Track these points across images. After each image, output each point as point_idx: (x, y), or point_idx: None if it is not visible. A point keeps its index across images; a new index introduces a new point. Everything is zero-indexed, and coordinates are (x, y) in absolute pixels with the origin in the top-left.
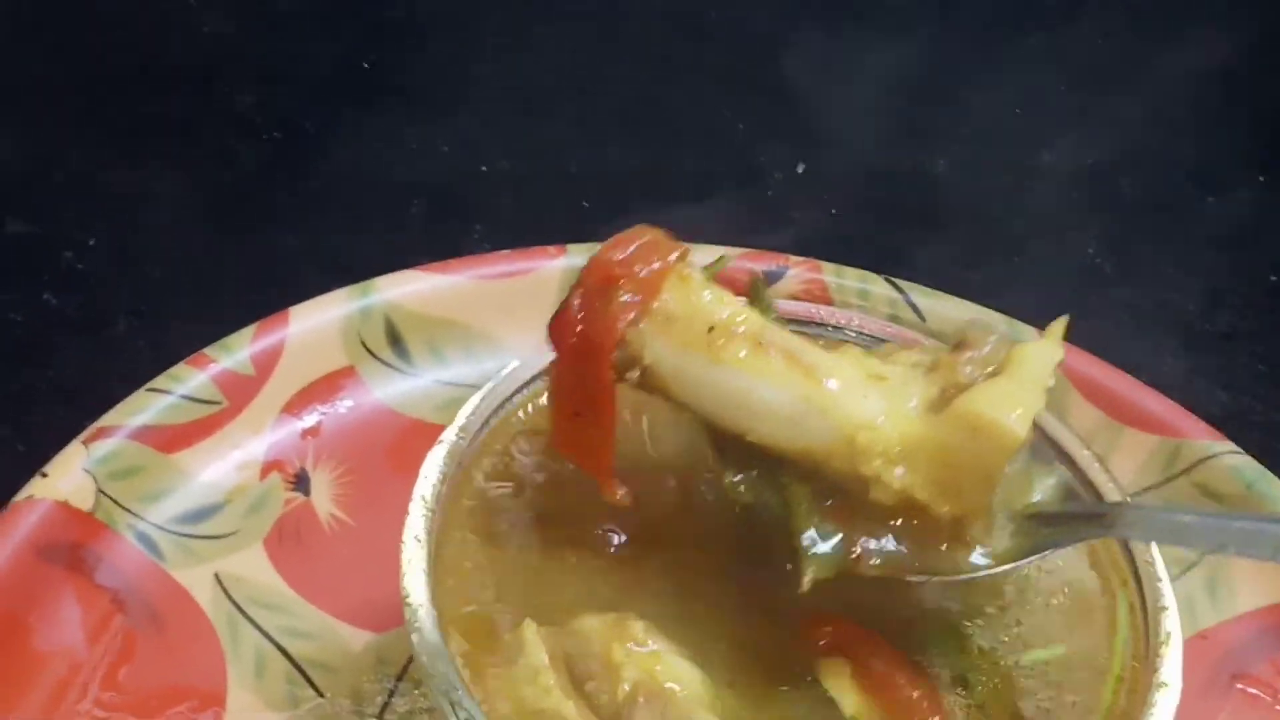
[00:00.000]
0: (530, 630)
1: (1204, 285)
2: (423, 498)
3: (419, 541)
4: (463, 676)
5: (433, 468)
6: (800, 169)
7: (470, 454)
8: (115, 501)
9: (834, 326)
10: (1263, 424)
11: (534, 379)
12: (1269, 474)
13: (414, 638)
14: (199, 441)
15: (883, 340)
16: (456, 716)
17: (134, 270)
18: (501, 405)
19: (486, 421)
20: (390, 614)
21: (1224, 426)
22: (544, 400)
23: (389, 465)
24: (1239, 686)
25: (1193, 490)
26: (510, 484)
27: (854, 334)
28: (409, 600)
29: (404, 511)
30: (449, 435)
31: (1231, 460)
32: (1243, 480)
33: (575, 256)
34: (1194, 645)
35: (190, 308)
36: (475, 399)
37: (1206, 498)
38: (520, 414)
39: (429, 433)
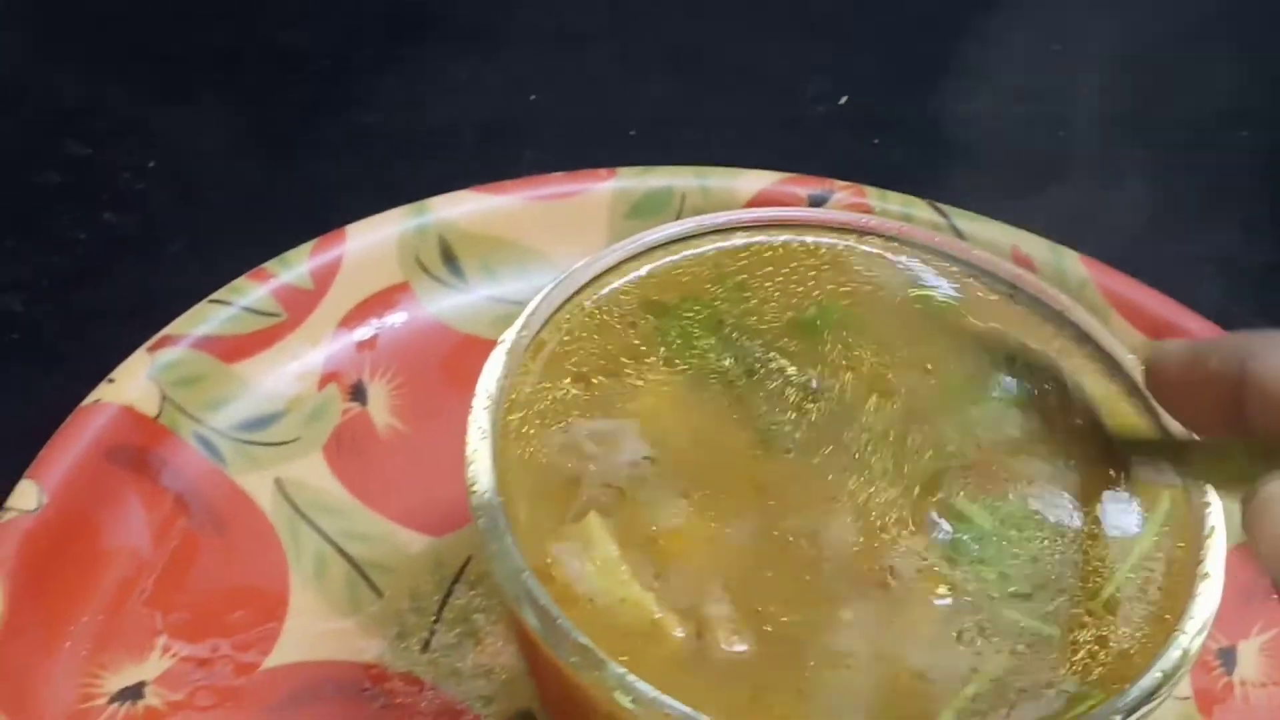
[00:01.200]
0: (595, 521)
1: (1243, 216)
2: (487, 393)
3: (484, 433)
4: (529, 562)
5: (496, 364)
6: (842, 101)
7: (531, 351)
8: (179, 408)
9: (888, 237)
10: None
11: (593, 280)
12: None
13: (482, 522)
14: (259, 352)
15: (937, 251)
16: (529, 608)
17: (190, 194)
18: (561, 306)
19: (547, 320)
20: (447, 518)
21: None
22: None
23: (443, 377)
24: (1275, 598)
25: None
26: (570, 381)
27: (889, 236)
28: (475, 489)
29: (459, 421)
30: (510, 334)
31: None
32: None
33: (625, 179)
34: (1233, 556)
35: (244, 230)
36: (535, 300)
37: None
38: (581, 314)
39: (482, 347)
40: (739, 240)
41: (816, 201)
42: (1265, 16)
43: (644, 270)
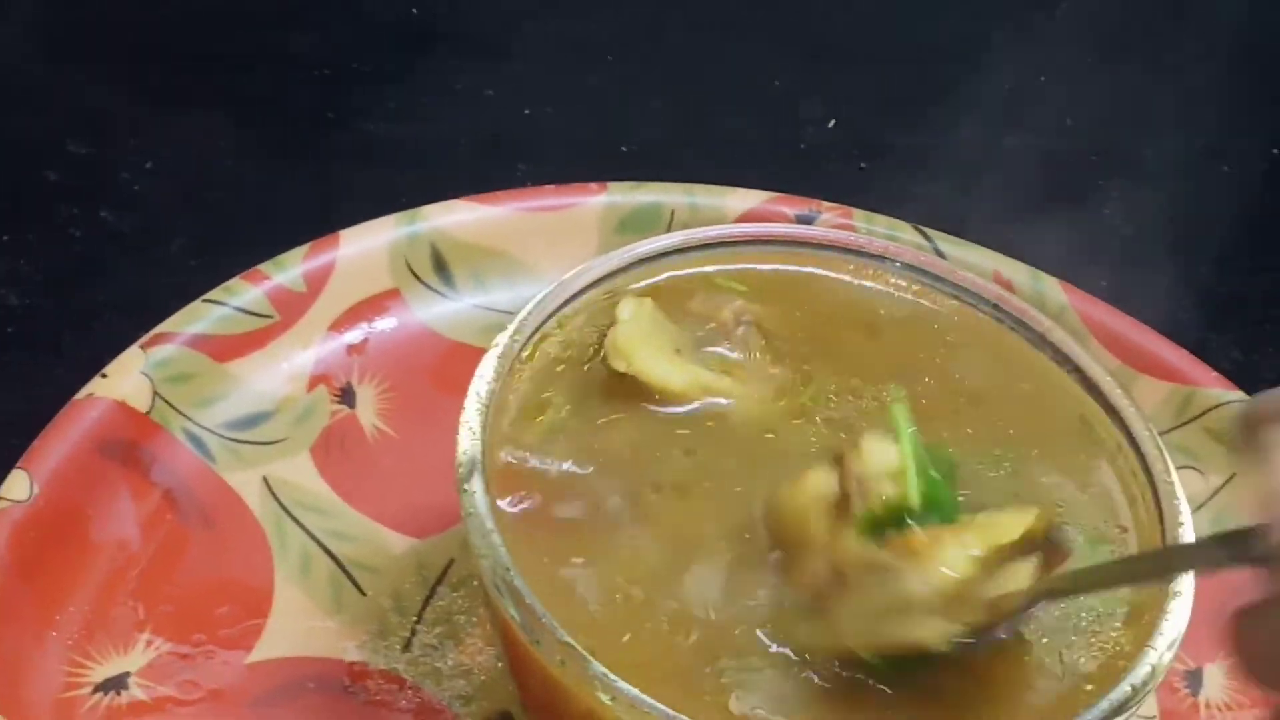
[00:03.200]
0: None
1: (1219, 248)
2: (478, 395)
3: (474, 434)
4: (515, 561)
5: (488, 368)
6: (831, 124)
7: (522, 357)
8: (170, 404)
9: (874, 255)
10: (1274, 380)
11: (584, 290)
12: None
13: (470, 521)
14: (251, 352)
15: (920, 269)
16: (514, 607)
17: (189, 196)
18: (552, 314)
19: (538, 328)
20: (430, 521)
21: (1237, 381)
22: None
23: (431, 383)
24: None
25: (1203, 435)
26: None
27: (895, 262)
28: (465, 489)
29: (445, 426)
30: (503, 338)
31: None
32: None
33: (615, 194)
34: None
35: (242, 233)
36: (528, 307)
37: (1216, 443)
38: (570, 322)
39: (470, 354)
40: (730, 258)
41: (804, 221)
42: (1244, 55)
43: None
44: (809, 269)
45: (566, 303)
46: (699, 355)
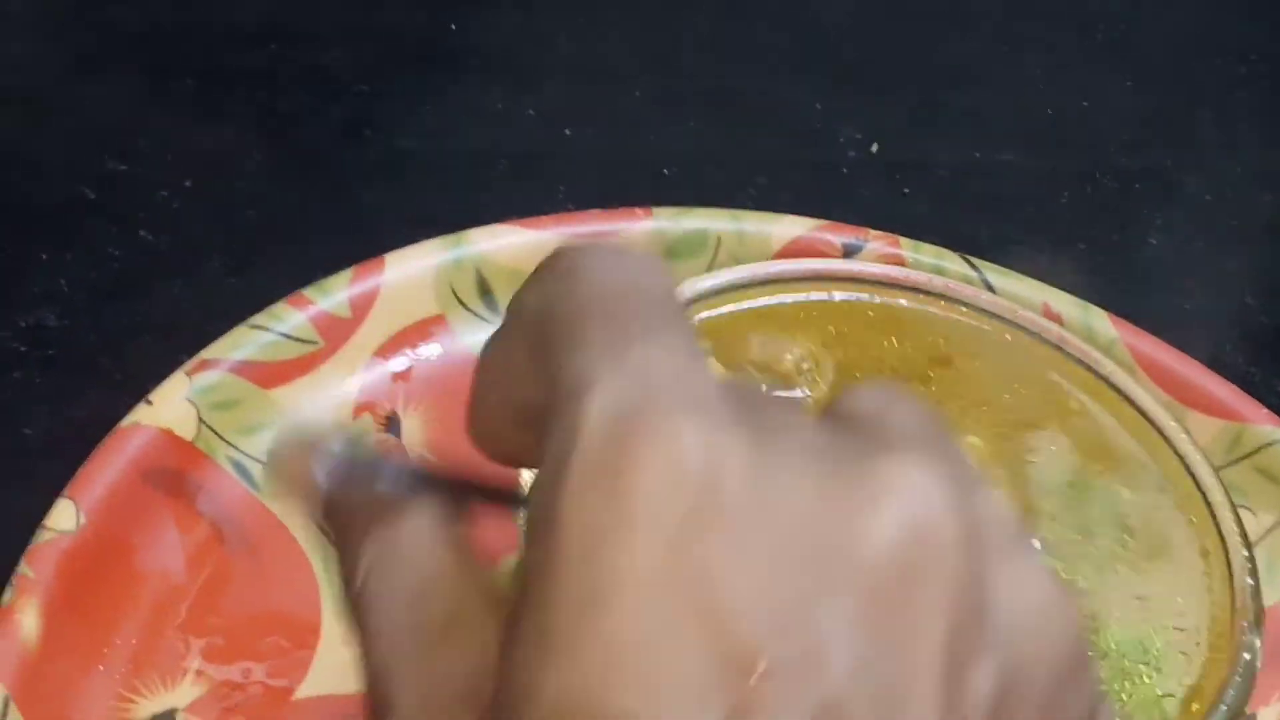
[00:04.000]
0: None
1: (1265, 278)
2: None
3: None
4: None
5: None
6: (874, 149)
7: None
8: (215, 432)
9: (915, 289)
10: None
11: None
12: None
13: None
14: (296, 379)
15: (962, 303)
16: None
17: (226, 214)
18: None
19: None
20: (479, 553)
21: None
22: None
23: None
24: None
25: (1254, 474)
26: None
27: (937, 294)
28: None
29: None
30: None
31: None
32: None
33: (661, 220)
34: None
35: (279, 252)
36: None
37: (1268, 481)
38: None
39: None
40: (781, 291)
41: (851, 250)
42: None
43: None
44: (861, 297)
45: None
46: None
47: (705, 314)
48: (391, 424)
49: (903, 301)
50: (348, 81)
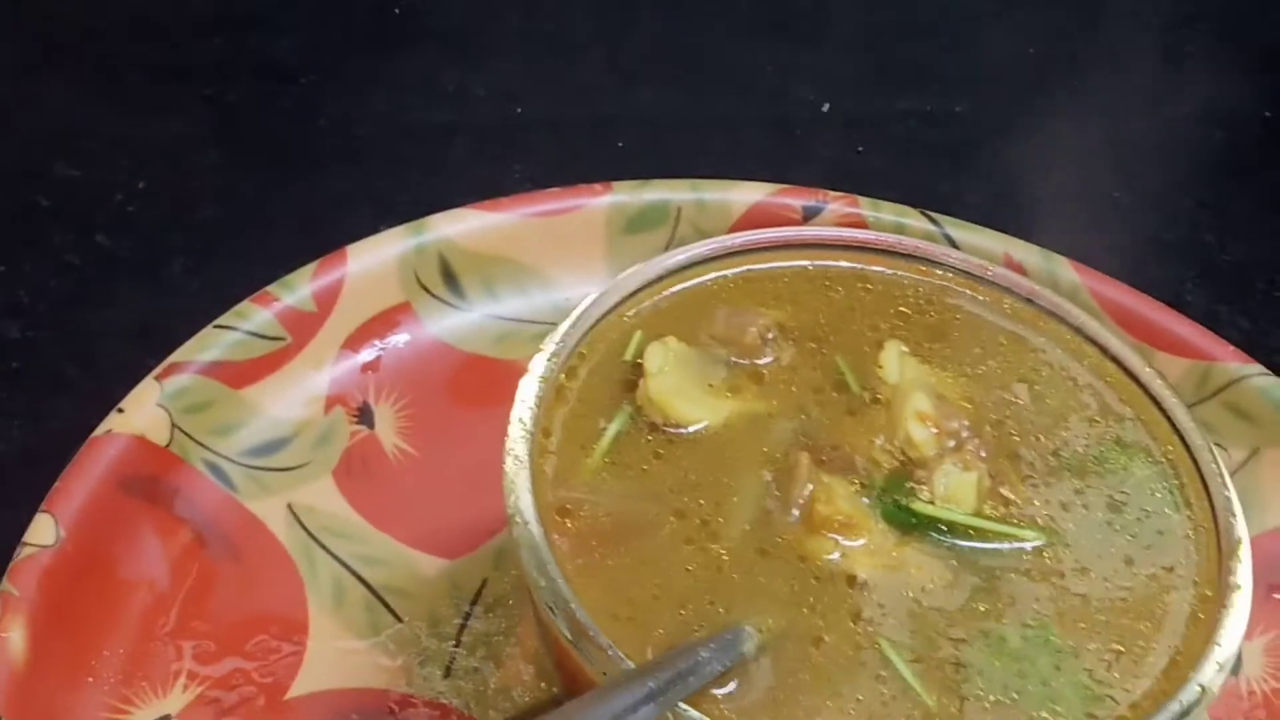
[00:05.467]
0: None
1: (1220, 218)
2: (520, 420)
3: (520, 461)
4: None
5: (529, 392)
6: (826, 108)
7: (559, 382)
8: (188, 435)
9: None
10: None
11: (616, 306)
12: None
13: (524, 554)
14: (265, 377)
15: (932, 262)
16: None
17: (184, 212)
18: (587, 332)
19: (574, 347)
20: (459, 540)
21: (1247, 351)
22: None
23: (448, 398)
24: (1276, 597)
25: (1223, 410)
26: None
27: (906, 254)
28: (516, 519)
29: (466, 443)
30: (539, 362)
31: (1260, 382)
32: (1271, 400)
33: (621, 194)
34: None
35: (241, 247)
36: (564, 326)
37: (1237, 418)
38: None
39: (485, 366)
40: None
41: (811, 212)
42: (1235, 15)
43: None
44: (822, 263)
45: (595, 324)
46: (731, 378)
47: (673, 289)
48: (363, 415)
49: (875, 268)
50: (298, 70)
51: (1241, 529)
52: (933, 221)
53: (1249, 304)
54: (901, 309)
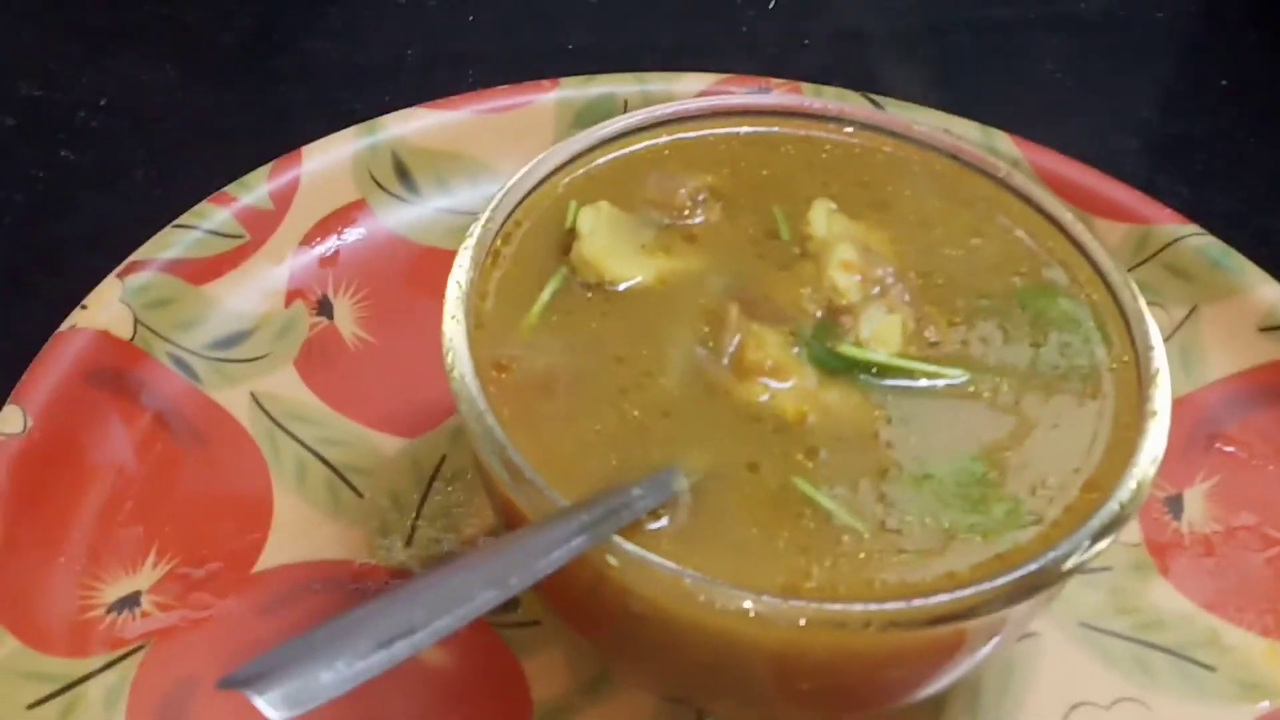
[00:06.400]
0: None
1: (1159, 93)
2: (458, 283)
3: (457, 321)
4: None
5: (465, 257)
6: (771, 5)
7: (495, 247)
8: (151, 330)
9: (829, 118)
10: (1224, 213)
11: (550, 175)
12: (1232, 250)
13: (462, 406)
14: (226, 273)
15: (859, 123)
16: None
17: (145, 127)
18: (521, 200)
19: (509, 215)
20: (419, 420)
21: (1186, 216)
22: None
23: (405, 288)
24: (1217, 446)
25: (1163, 271)
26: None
27: (831, 117)
28: (454, 374)
29: (423, 329)
30: (475, 229)
31: (1196, 241)
32: (1208, 259)
33: (568, 89)
34: (1175, 407)
35: (200, 158)
36: (497, 198)
37: (1176, 278)
38: (538, 207)
39: (439, 257)
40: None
41: None
42: None
43: (598, 163)
44: (752, 130)
45: (530, 193)
46: (663, 238)
47: (606, 158)
48: (323, 308)
49: (804, 132)
50: None
51: (1160, 359)
52: (873, 102)
53: (1189, 174)
54: (830, 169)
